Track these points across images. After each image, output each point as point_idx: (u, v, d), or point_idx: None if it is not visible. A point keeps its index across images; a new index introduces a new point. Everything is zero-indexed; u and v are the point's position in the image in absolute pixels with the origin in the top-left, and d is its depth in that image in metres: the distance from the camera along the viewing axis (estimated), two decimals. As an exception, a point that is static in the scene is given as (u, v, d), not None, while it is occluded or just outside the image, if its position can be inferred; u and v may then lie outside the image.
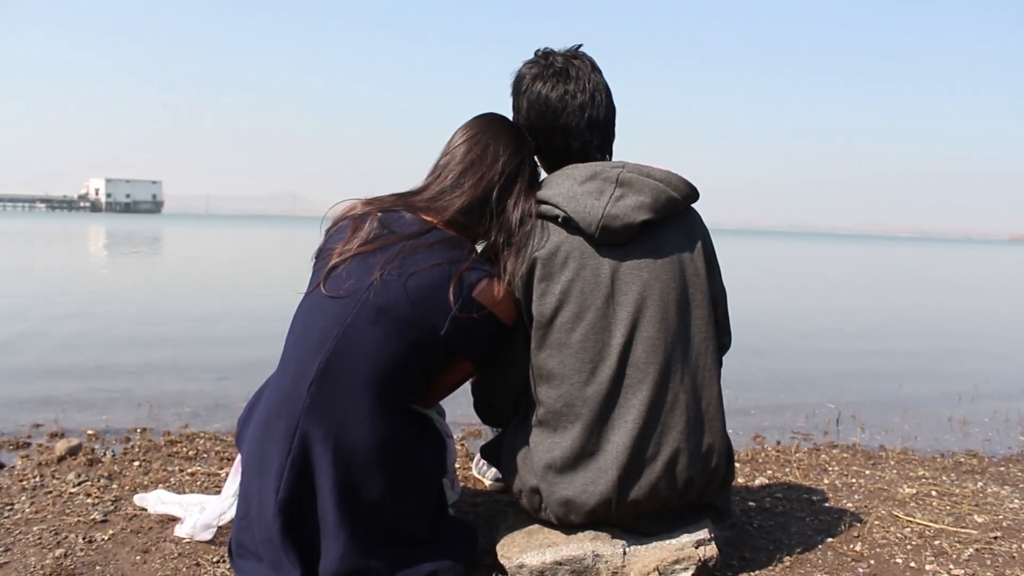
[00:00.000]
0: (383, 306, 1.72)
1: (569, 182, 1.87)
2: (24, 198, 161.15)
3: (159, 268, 15.52)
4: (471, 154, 1.90)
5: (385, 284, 1.73)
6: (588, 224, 1.82)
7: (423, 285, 1.74)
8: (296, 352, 1.77)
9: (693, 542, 1.87)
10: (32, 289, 10.20)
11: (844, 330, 8.58)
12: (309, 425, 1.69)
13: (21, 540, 2.07)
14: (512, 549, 1.89)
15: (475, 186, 1.87)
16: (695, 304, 1.88)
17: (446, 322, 1.75)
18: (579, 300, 1.82)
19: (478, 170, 1.88)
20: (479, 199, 1.87)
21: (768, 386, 5.07)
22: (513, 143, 1.93)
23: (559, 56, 1.99)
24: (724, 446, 1.92)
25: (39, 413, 3.76)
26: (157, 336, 6.55)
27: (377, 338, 1.72)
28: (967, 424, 4.19)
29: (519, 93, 2.01)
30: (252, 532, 1.73)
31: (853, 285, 16.80)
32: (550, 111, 1.96)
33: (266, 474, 1.70)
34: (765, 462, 3.11)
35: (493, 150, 1.90)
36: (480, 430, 3.48)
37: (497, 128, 1.95)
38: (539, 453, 1.87)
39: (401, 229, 1.81)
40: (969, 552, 2.16)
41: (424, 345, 1.76)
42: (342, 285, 1.75)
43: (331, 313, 1.74)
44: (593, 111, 1.96)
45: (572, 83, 1.95)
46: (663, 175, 1.89)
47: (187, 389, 4.48)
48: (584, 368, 1.82)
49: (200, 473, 2.72)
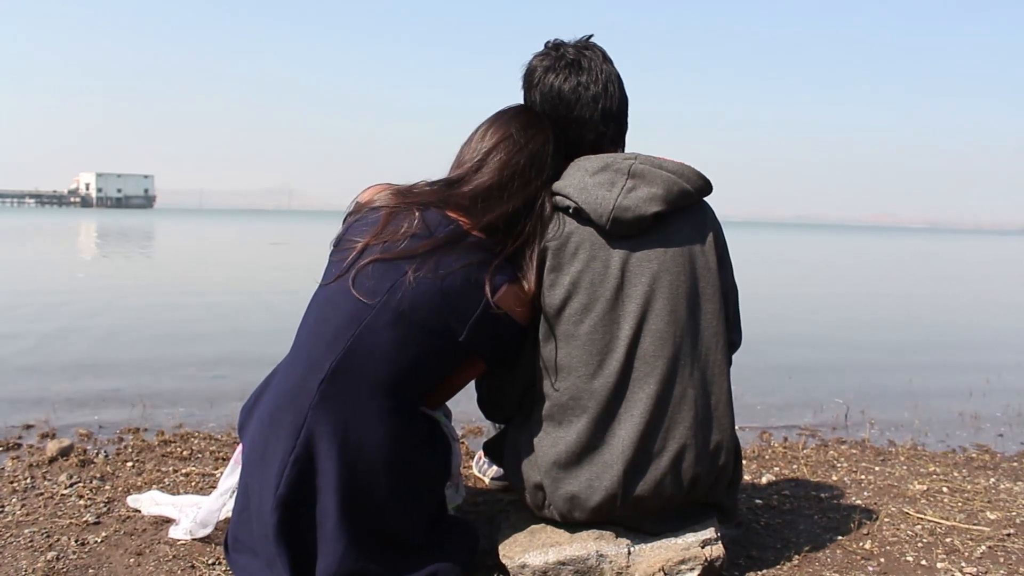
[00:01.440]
0: (405, 310, 1.67)
1: (580, 173, 1.85)
2: (13, 193, 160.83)
3: (150, 265, 15.46)
4: (517, 157, 1.84)
5: (411, 288, 1.68)
6: (599, 215, 1.80)
7: (448, 292, 1.70)
8: (309, 346, 1.72)
9: (699, 541, 1.83)
10: (19, 287, 10.16)
11: (852, 324, 8.55)
12: (316, 422, 1.64)
13: (12, 543, 2.04)
14: (514, 549, 1.85)
15: (522, 192, 1.83)
16: (705, 298, 1.85)
17: (466, 328, 1.72)
18: (588, 291, 1.80)
19: (526, 178, 1.84)
20: (524, 207, 1.83)
21: (775, 381, 5.02)
22: (551, 142, 1.90)
23: (570, 47, 1.97)
24: (732, 444, 1.89)
25: (29, 413, 3.71)
26: (149, 334, 6.50)
27: (395, 341, 1.67)
28: (979, 419, 4.13)
29: (531, 86, 1.98)
30: (250, 526, 1.70)
31: (861, 277, 16.82)
32: (563, 103, 1.93)
33: (268, 467, 1.66)
34: (772, 459, 3.07)
35: (539, 157, 1.86)
36: (481, 428, 3.44)
37: (536, 130, 1.90)
38: (543, 448, 1.84)
39: (436, 231, 1.75)
40: (981, 549, 2.12)
41: (441, 350, 1.73)
42: (366, 283, 1.69)
43: (349, 311, 1.69)
44: (606, 102, 1.94)
45: (585, 74, 1.93)
46: (676, 167, 1.87)
47: (181, 388, 4.43)
48: (591, 360, 1.79)
49: (195, 473, 2.68)
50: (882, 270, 19.70)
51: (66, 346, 5.76)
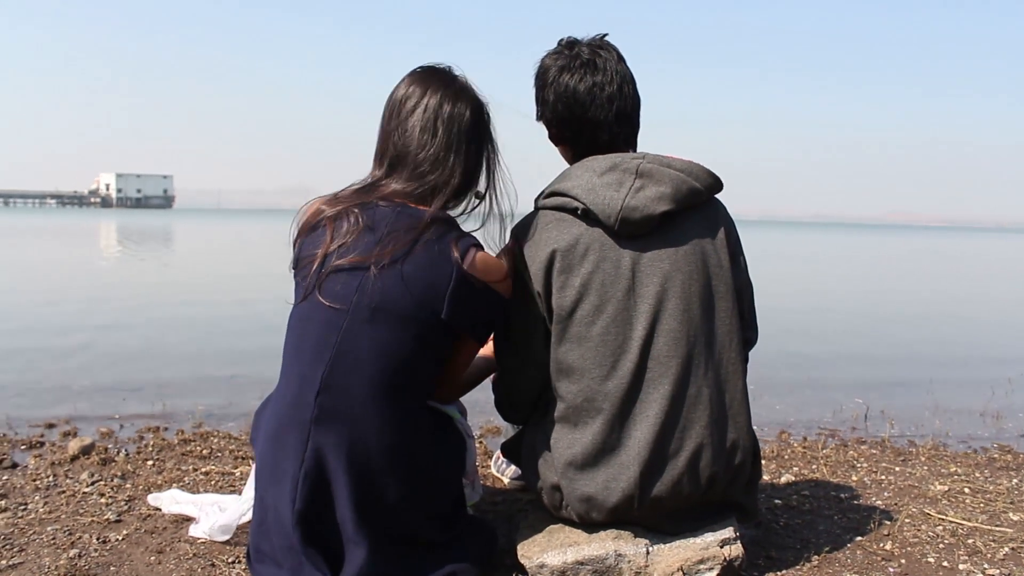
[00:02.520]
0: (378, 304, 1.66)
1: (588, 174, 1.84)
2: (34, 194, 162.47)
3: (171, 265, 15.56)
4: (443, 131, 1.76)
5: (378, 280, 1.66)
6: (607, 216, 1.79)
7: (416, 273, 1.67)
8: (297, 363, 1.71)
9: (718, 541, 1.82)
10: (41, 287, 10.26)
11: (872, 322, 8.48)
12: (320, 435, 1.64)
13: (35, 540, 2.06)
14: (532, 549, 1.85)
15: (461, 161, 1.78)
16: (719, 296, 1.83)
17: (444, 302, 1.68)
18: (599, 293, 1.79)
19: (461, 146, 1.78)
20: (467, 174, 1.80)
21: (794, 381, 4.99)
22: (480, 105, 1.83)
23: (585, 46, 1.94)
24: (750, 442, 1.87)
25: (52, 412, 3.75)
26: (170, 334, 6.55)
27: (378, 339, 1.66)
28: (1001, 418, 4.09)
29: (545, 85, 1.95)
30: (270, 539, 1.70)
31: (879, 276, 16.66)
32: (578, 104, 1.91)
33: (281, 484, 1.66)
34: (791, 459, 3.05)
35: (469, 122, 1.79)
36: (499, 427, 3.44)
37: (454, 90, 1.81)
38: (559, 449, 1.84)
39: (384, 220, 1.72)
40: (1004, 551, 2.10)
41: (427, 334, 1.70)
42: (333, 290, 1.68)
43: (325, 319, 1.67)
44: (621, 103, 1.91)
45: (600, 74, 1.90)
46: (684, 165, 1.85)
47: (201, 388, 4.47)
48: (605, 362, 1.78)
49: (214, 472, 2.69)
50: (900, 268, 19.50)
51: (87, 346, 5.82)
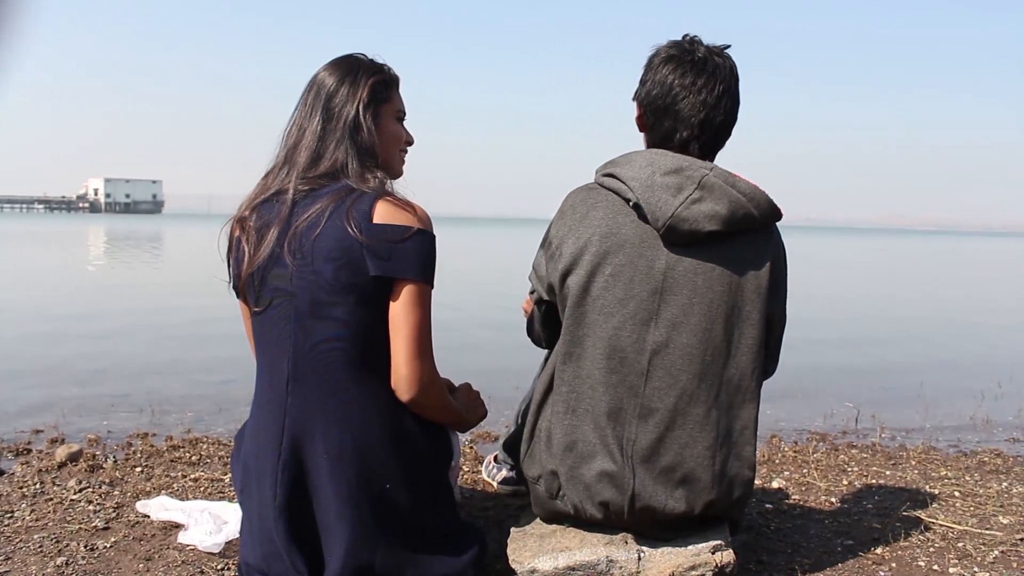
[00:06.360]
0: (314, 296, 1.65)
1: (651, 169, 1.79)
2: (22, 199, 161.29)
3: (159, 270, 15.49)
4: (318, 117, 1.77)
5: (300, 268, 1.65)
6: (656, 219, 1.75)
7: (331, 245, 1.65)
8: (264, 361, 1.74)
9: (709, 547, 1.82)
10: (28, 293, 10.19)
11: (862, 326, 8.51)
12: (295, 424, 1.65)
13: (22, 548, 2.04)
14: (524, 554, 1.84)
15: (334, 130, 1.76)
16: (749, 323, 1.79)
17: (367, 260, 1.64)
18: (626, 287, 1.77)
19: (334, 129, 1.76)
20: (343, 138, 1.77)
21: (784, 385, 4.99)
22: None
23: (703, 47, 1.89)
24: (750, 474, 1.84)
25: (39, 419, 3.73)
26: (159, 339, 6.52)
27: (327, 328, 1.66)
28: (991, 423, 4.11)
29: (650, 67, 1.92)
30: (256, 549, 1.70)
31: (869, 280, 16.72)
32: (669, 94, 1.86)
33: (262, 480, 1.67)
34: (782, 463, 3.06)
35: (336, 107, 1.77)
36: (489, 432, 3.43)
37: (321, 69, 1.83)
38: (559, 435, 1.83)
39: (280, 211, 1.72)
40: (994, 554, 2.10)
41: (370, 298, 1.67)
42: (268, 295, 1.70)
43: (276, 320, 1.70)
44: (713, 112, 1.85)
45: (704, 77, 1.85)
46: (749, 189, 1.78)
47: (190, 393, 4.44)
48: (614, 356, 1.77)
49: (204, 479, 2.68)
50: (890, 272, 19.59)
51: (74, 351, 5.78)
